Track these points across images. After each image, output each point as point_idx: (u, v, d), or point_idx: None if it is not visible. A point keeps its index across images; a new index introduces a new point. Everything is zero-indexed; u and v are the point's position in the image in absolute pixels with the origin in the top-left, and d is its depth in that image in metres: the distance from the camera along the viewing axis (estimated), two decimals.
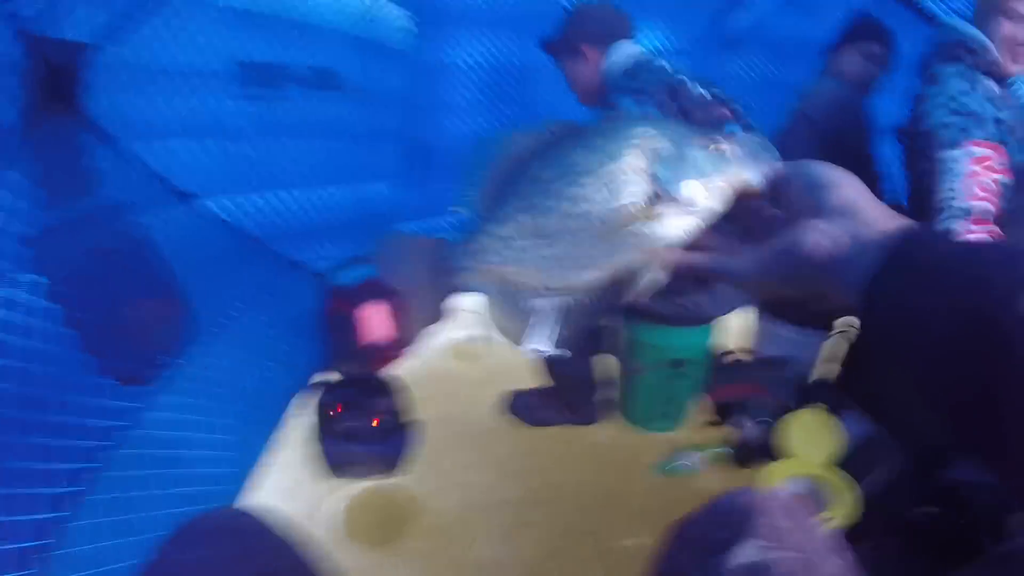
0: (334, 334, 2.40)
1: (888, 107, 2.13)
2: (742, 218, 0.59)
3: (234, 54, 1.59)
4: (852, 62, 2.19)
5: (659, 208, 0.59)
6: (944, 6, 2.42)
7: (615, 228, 0.59)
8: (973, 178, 1.54)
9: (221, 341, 1.73)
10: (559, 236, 0.61)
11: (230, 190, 1.77)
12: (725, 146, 0.59)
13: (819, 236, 0.50)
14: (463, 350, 2.58)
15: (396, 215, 2.44)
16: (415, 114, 2.19)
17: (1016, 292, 0.39)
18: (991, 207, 1.54)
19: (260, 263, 1.97)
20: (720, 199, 0.58)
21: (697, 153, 0.59)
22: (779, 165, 0.57)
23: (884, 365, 0.47)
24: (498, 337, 0.66)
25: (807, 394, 2.04)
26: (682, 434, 2.15)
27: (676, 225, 0.59)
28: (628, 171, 0.59)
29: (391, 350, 2.55)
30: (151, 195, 1.46)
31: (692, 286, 1.79)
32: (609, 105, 1.74)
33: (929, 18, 2.47)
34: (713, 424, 2.19)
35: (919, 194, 1.68)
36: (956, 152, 1.56)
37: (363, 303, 2.40)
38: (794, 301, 1.91)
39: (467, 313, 2.44)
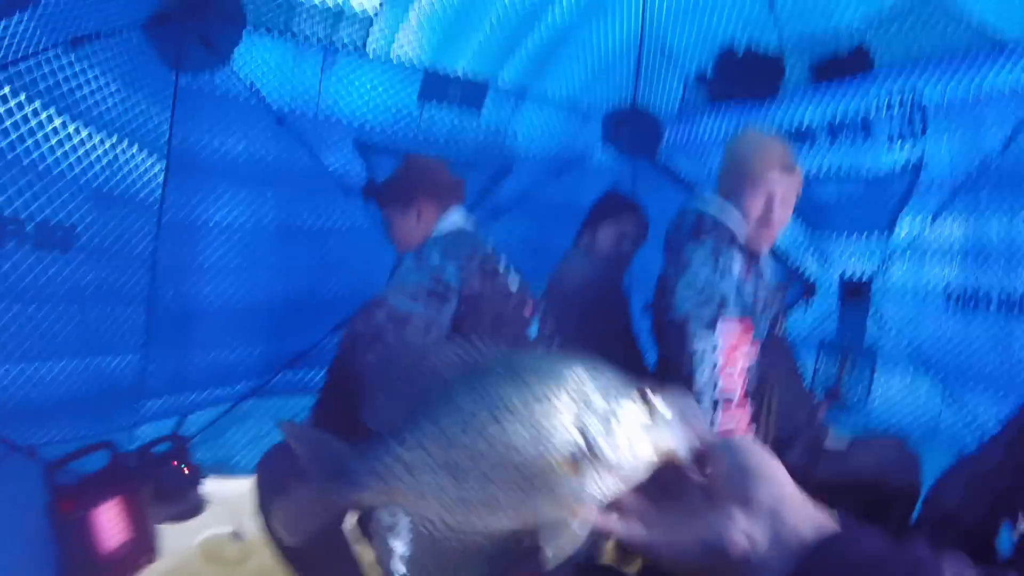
0: (63, 539, 2.01)
1: (643, 280, 2.15)
2: (665, 485, 0.58)
3: None
4: (604, 237, 2.25)
5: (583, 464, 0.56)
6: (701, 170, 2.63)
7: (533, 477, 0.56)
8: (724, 364, 1.53)
9: None
10: (470, 475, 0.56)
11: None
12: (656, 404, 0.58)
13: (740, 535, 0.51)
14: (216, 552, 2.25)
15: (140, 392, 2.19)
16: (163, 276, 2.04)
17: None
18: (741, 387, 1.55)
19: None
20: (646, 463, 0.57)
21: (628, 411, 0.57)
22: (709, 436, 0.59)
23: None
24: (253, 534, 0.61)
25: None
26: None
27: (599, 484, 0.57)
28: (556, 418, 0.56)
29: (132, 557, 2.18)
30: None
31: None
32: (421, 257, 1.71)
33: (686, 186, 2.66)
34: None
35: (667, 372, 1.68)
36: (707, 337, 1.54)
37: (98, 501, 2.07)
38: None
39: (220, 504, 2.16)
